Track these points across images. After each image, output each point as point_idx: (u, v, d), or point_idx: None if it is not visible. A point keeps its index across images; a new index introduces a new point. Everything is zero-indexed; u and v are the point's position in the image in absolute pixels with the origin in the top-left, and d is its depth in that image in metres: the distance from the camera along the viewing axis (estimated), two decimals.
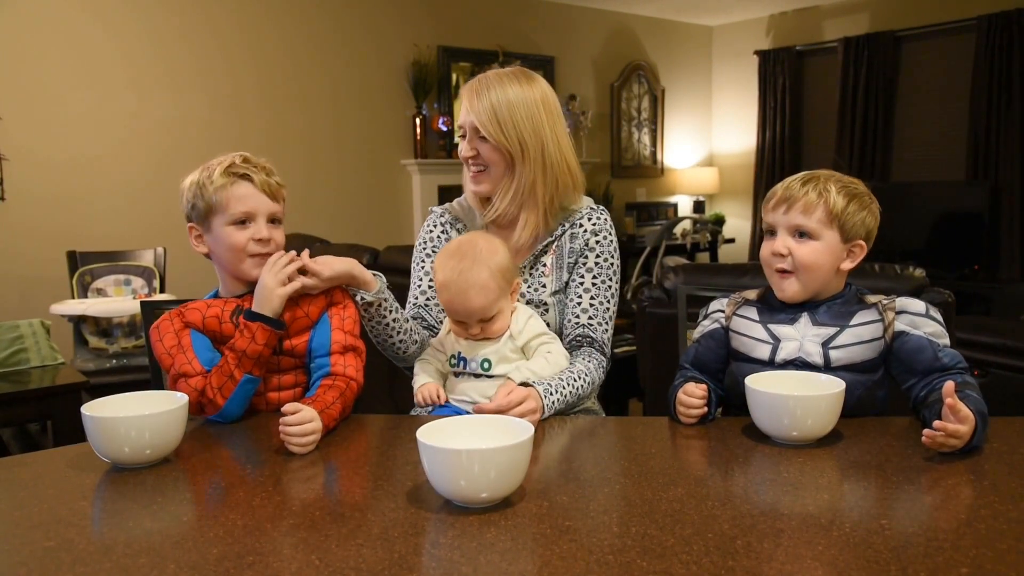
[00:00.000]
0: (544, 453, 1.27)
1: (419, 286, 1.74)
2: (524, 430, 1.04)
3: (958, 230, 5.72)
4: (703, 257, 6.79)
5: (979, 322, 2.60)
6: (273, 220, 1.48)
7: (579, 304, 1.63)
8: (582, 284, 1.64)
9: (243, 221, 1.45)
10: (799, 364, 1.36)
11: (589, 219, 1.67)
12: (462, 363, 1.52)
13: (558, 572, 0.84)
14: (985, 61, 5.67)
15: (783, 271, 1.39)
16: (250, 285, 1.47)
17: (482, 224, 1.70)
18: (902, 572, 0.82)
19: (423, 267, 1.74)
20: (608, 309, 1.65)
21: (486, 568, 0.85)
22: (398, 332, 1.59)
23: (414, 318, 1.69)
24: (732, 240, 7.29)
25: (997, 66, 5.62)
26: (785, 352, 1.38)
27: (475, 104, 1.58)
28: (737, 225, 7.43)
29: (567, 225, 1.66)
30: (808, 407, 1.20)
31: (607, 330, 1.64)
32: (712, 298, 1.54)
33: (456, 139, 1.61)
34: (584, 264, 1.65)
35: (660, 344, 2.59)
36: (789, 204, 1.37)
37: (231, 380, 1.38)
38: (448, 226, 1.74)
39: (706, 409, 1.35)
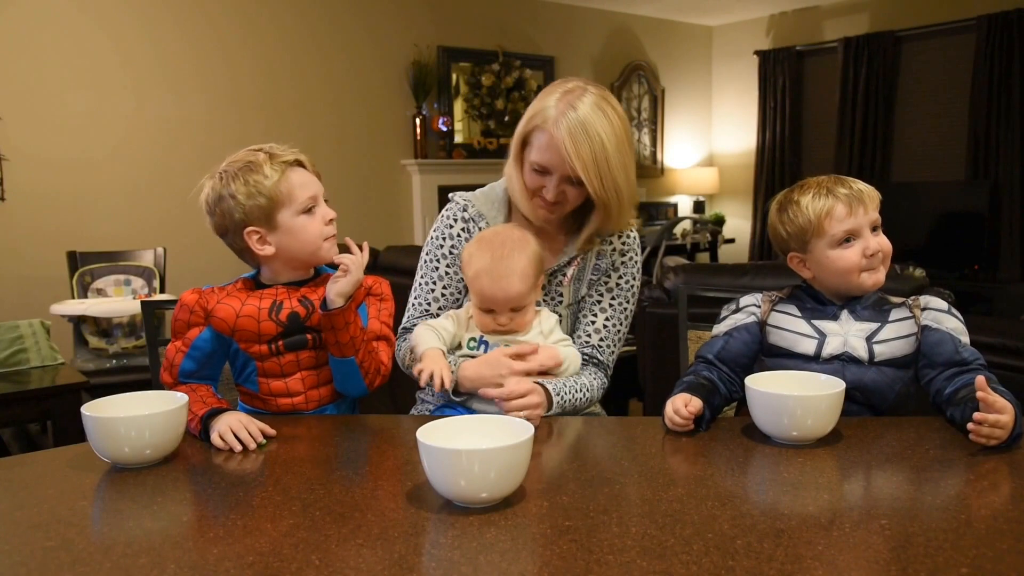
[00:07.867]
0: (544, 453, 1.27)
1: (432, 290, 1.60)
2: (524, 430, 1.04)
3: (958, 230, 5.72)
4: (703, 257, 6.79)
5: (979, 322, 2.60)
6: (325, 199, 1.45)
7: (592, 323, 1.58)
8: (599, 303, 1.59)
9: (310, 208, 1.40)
10: (845, 359, 1.37)
11: (619, 237, 1.62)
12: (483, 347, 1.49)
13: (558, 572, 0.84)
14: (985, 61, 5.67)
15: (870, 268, 1.40)
16: (312, 269, 1.46)
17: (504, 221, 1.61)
18: (902, 572, 0.82)
19: (436, 268, 1.60)
20: (620, 332, 1.61)
21: (486, 568, 0.85)
22: None
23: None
24: (732, 240, 7.28)
25: (997, 66, 5.62)
26: (831, 347, 1.39)
27: (581, 152, 1.39)
28: (737, 225, 7.42)
29: (596, 240, 1.59)
30: (808, 407, 1.20)
31: (614, 353, 1.60)
32: (714, 299, 1.54)
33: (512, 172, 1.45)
34: (606, 284, 1.60)
35: (660, 344, 2.59)
36: (864, 204, 1.39)
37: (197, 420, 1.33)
38: (471, 223, 1.60)
39: (693, 426, 1.30)
